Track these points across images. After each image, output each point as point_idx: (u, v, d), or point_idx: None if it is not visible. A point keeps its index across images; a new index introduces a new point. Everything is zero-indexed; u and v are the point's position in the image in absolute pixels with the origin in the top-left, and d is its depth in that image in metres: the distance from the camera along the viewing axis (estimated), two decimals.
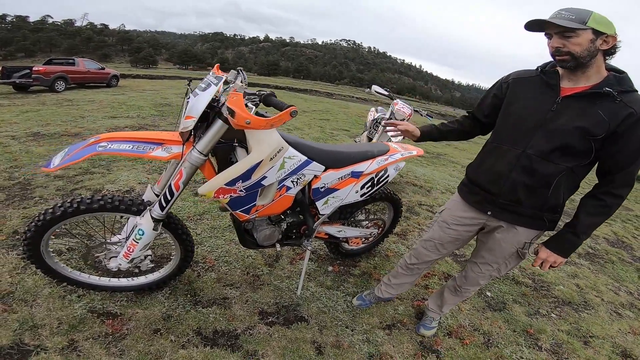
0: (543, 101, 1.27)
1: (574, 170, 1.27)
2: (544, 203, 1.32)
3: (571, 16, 1.13)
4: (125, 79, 17.78)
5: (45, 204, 2.63)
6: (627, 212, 5.75)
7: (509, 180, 1.33)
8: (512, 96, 1.37)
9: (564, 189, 1.30)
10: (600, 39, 1.14)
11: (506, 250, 1.47)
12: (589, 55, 1.15)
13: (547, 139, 1.24)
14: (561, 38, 1.15)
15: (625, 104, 1.14)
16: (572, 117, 1.20)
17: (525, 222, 1.39)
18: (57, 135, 4.64)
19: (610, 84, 1.17)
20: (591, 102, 1.18)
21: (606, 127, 1.15)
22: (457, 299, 1.78)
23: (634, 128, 1.14)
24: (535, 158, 1.27)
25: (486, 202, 1.44)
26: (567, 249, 1.35)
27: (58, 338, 1.48)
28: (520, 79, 1.39)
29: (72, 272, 1.71)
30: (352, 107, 15.36)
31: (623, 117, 1.14)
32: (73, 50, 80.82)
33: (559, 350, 1.99)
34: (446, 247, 1.66)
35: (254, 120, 1.24)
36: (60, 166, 1.32)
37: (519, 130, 1.32)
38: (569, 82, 1.25)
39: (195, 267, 2.09)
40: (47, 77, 10.28)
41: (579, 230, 1.30)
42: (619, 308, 2.56)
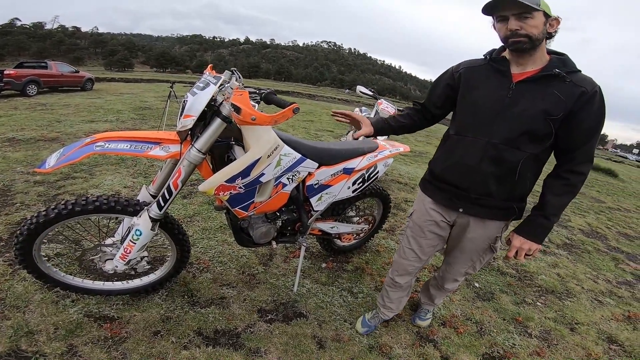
0: (498, 88, 1.27)
1: (539, 155, 1.27)
2: (513, 192, 1.32)
3: None
4: (100, 82, 17.19)
5: (28, 210, 2.54)
6: (600, 205, 6.06)
7: (480, 173, 1.30)
8: (467, 86, 1.36)
9: (531, 175, 1.30)
10: (548, 21, 1.17)
11: (479, 247, 1.46)
12: (541, 37, 1.17)
13: (509, 125, 1.23)
14: (518, 20, 1.15)
15: (575, 84, 1.17)
16: (531, 101, 1.21)
17: (495, 215, 1.37)
18: (34, 140, 4.47)
19: (557, 65, 1.19)
20: (544, 84, 1.20)
21: (563, 107, 1.17)
22: (442, 293, 1.80)
23: (587, 105, 1.16)
24: (502, 146, 1.25)
25: (456, 198, 1.40)
26: (539, 234, 1.31)
27: (56, 343, 1.44)
28: (471, 67, 1.37)
29: (65, 276, 1.67)
30: (335, 108, 15.46)
31: (577, 96, 1.16)
32: (43, 53, 77.58)
33: (548, 337, 2.09)
34: (426, 252, 1.60)
35: (259, 117, 1.25)
36: (56, 167, 1.29)
37: (479, 119, 1.30)
38: (517, 68, 1.26)
39: (189, 269, 2.07)
40: (18, 80, 9.84)
41: (549, 212, 1.28)
42: (599, 295, 2.70)
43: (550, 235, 3.83)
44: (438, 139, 8.99)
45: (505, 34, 1.18)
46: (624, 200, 7.16)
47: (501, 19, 1.18)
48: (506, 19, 1.16)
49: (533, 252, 1.31)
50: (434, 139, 10.78)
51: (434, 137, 11.15)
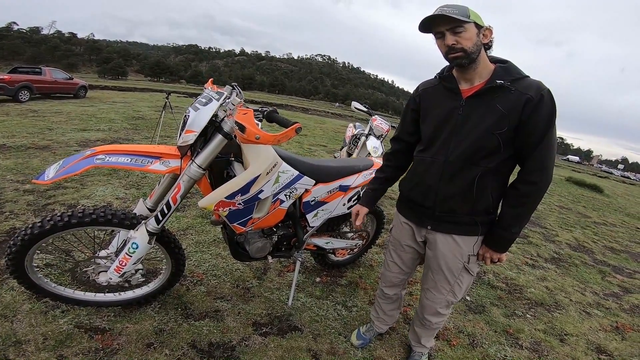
0: (450, 106, 1.28)
1: (497, 168, 1.26)
2: (476, 207, 1.31)
3: (455, 11, 1.14)
4: (93, 90, 17.06)
5: (17, 219, 2.50)
6: (586, 219, 6.21)
7: (439, 192, 1.32)
8: (425, 108, 1.39)
9: (491, 189, 1.29)
10: (481, 32, 1.18)
11: (452, 265, 1.41)
12: (477, 49, 1.18)
13: (462, 143, 1.24)
14: (453, 34, 1.16)
15: (521, 92, 1.15)
16: (480, 116, 1.21)
17: (463, 230, 1.36)
18: (24, 148, 4.42)
19: (500, 75, 1.19)
20: (490, 97, 1.19)
21: (508, 120, 1.17)
22: (428, 331, 1.67)
23: (534, 112, 1.14)
24: (457, 164, 1.26)
25: (424, 216, 1.42)
26: (501, 244, 1.32)
27: (45, 354, 1.42)
28: (426, 89, 1.40)
29: (56, 287, 1.65)
30: (328, 123, 15.61)
31: (522, 104, 1.15)
32: (37, 58, 76.94)
33: (538, 348, 2.12)
34: (408, 266, 1.63)
35: (263, 136, 1.29)
36: (56, 179, 1.30)
37: (436, 139, 1.32)
38: (465, 83, 1.27)
39: (183, 282, 2.06)
40: (11, 86, 9.70)
41: (505, 224, 1.28)
42: (587, 307, 2.76)
43: (538, 250, 3.91)
44: None
45: (445, 50, 1.20)
46: (610, 215, 7.34)
47: (439, 35, 1.20)
48: (443, 35, 1.18)
49: (499, 260, 1.36)
50: None
51: None
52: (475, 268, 1.45)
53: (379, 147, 3.89)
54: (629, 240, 5.38)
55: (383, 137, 4.17)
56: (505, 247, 1.34)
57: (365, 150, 3.86)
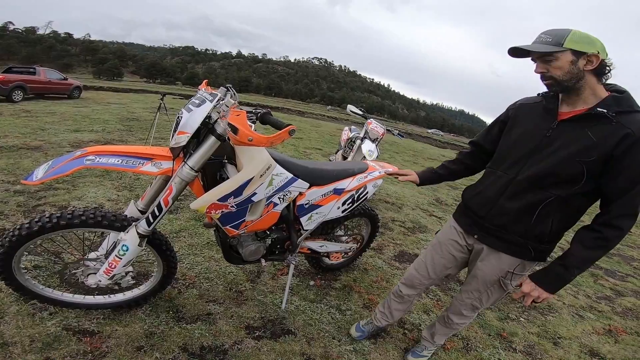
0: (540, 127, 1.23)
1: (567, 199, 1.18)
2: (529, 231, 1.25)
3: (548, 39, 1.10)
4: (88, 90, 16.92)
5: (6, 220, 2.46)
6: (578, 223, 6.24)
7: (496, 206, 1.31)
8: (514, 122, 1.34)
9: (554, 218, 1.22)
10: (582, 59, 1.09)
11: (488, 277, 1.42)
12: (572, 77, 1.11)
13: (538, 165, 1.19)
14: (543, 62, 1.13)
15: (623, 125, 1.06)
16: (565, 141, 1.15)
17: (509, 249, 1.33)
18: (16, 148, 4.36)
19: (607, 104, 1.10)
20: (585, 124, 1.12)
21: (596, 151, 1.08)
22: (446, 330, 1.72)
23: (631, 151, 1.04)
24: (525, 184, 1.23)
25: (474, 225, 1.42)
26: (553, 283, 1.21)
27: (32, 356, 1.39)
28: (524, 104, 1.36)
29: (44, 289, 1.62)
30: (324, 126, 15.64)
31: (619, 138, 1.05)
32: (32, 58, 76.34)
33: (532, 351, 2.13)
34: (437, 271, 1.61)
35: (256, 138, 1.27)
36: (44, 179, 1.27)
37: (514, 156, 1.28)
38: (567, 107, 1.20)
39: (175, 284, 2.03)
40: (5, 85, 9.60)
41: (570, 263, 1.17)
42: (579, 310, 2.78)
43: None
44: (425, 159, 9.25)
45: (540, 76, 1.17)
46: None
47: (533, 60, 1.17)
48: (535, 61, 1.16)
49: (542, 300, 1.23)
50: (421, 158, 10.97)
51: (420, 157, 11.36)
52: (511, 286, 1.41)
53: (374, 151, 3.89)
54: (620, 243, 5.43)
55: (378, 141, 4.17)
56: (557, 288, 1.22)
57: (361, 154, 3.87)
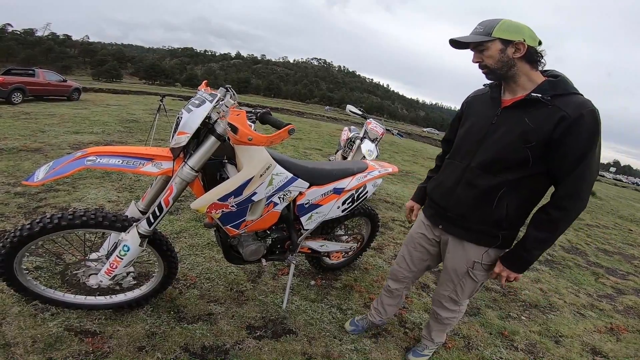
0: (486, 115, 1.30)
1: (519, 183, 1.23)
2: (488, 217, 1.29)
3: (480, 29, 1.17)
4: (87, 92, 16.93)
5: (7, 222, 2.46)
6: (579, 222, 6.25)
7: (454, 195, 1.36)
8: (467, 114, 1.44)
9: (509, 202, 1.26)
10: (510, 47, 1.14)
11: (457, 268, 1.45)
12: (504, 65, 1.17)
13: (487, 151, 1.26)
14: (478, 52, 1.20)
15: (559, 108, 1.10)
16: (508, 127, 1.21)
17: (472, 238, 1.37)
18: (16, 150, 4.36)
19: (543, 89, 1.15)
20: (523, 110, 1.18)
21: (535, 135, 1.13)
22: (439, 326, 1.73)
23: (569, 133, 1.08)
24: (478, 171, 1.28)
25: (438, 215, 1.48)
26: (519, 265, 1.30)
27: (34, 356, 1.40)
28: (475, 96, 1.45)
29: (46, 289, 1.62)
30: (324, 126, 15.62)
31: (555, 121, 1.09)
32: (31, 60, 76.35)
33: (533, 349, 2.13)
34: (416, 264, 1.67)
35: (256, 137, 1.28)
36: (45, 180, 1.28)
37: (466, 145, 1.36)
38: (509, 94, 1.26)
39: (176, 285, 2.04)
40: (4, 87, 9.60)
41: (528, 246, 1.25)
42: (581, 309, 2.78)
43: None
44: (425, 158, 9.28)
45: None
46: (602, 217, 7.41)
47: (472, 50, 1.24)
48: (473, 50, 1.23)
49: (513, 279, 1.32)
50: (420, 158, 10.98)
51: (420, 156, 11.36)
52: (481, 276, 1.45)
53: (373, 150, 3.90)
54: (621, 242, 5.44)
55: (378, 141, 4.18)
56: (523, 268, 1.32)
57: (360, 154, 3.87)
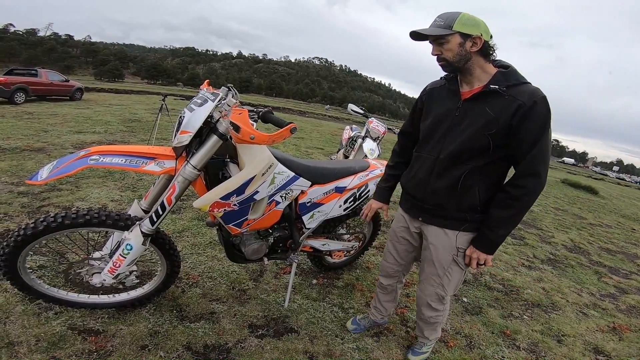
0: (449, 107, 1.35)
1: (486, 168, 1.30)
2: (462, 203, 1.35)
3: (441, 22, 1.19)
4: (89, 92, 16.98)
5: (11, 221, 2.48)
6: (582, 221, 6.24)
7: (428, 186, 1.40)
8: (428, 106, 1.45)
9: (479, 187, 1.33)
10: (468, 41, 1.19)
11: (442, 258, 1.46)
12: (462, 59, 1.21)
13: (453, 142, 1.31)
14: (437, 45, 1.23)
15: (515, 97, 1.18)
16: (472, 119, 1.27)
17: (452, 225, 1.41)
18: (19, 150, 4.39)
19: (497, 80, 1.22)
20: (483, 102, 1.24)
21: (496, 124, 1.21)
22: (426, 325, 1.72)
23: (526, 119, 1.17)
24: (447, 162, 1.33)
25: (416, 208, 1.51)
26: (487, 245, 1.35)
27: (38, 355, 1.40)
28: (433, 89, 1.47)
29: (49, 288, 1.63)
30: (325, 126, 15.62)
31: (513, 110, 1.18)
32: (33, 60, 76.65)
33: (535, 349, 2.12)
34: (402, 257, 1.69)
35: (258, 136, 1.28)
36: (49, 179, 1.29)
37: (432, 137, 1.39)
38: (466, 86, 1.32)
39: (178, 284, 2.04)
40: (7, 87, 9.66)
41: (491, 225, 1.31)
42: (583, 308, 2.77)
43: (534, 251, 3.92)
44: None
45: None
46: (605, 216, 7.38)
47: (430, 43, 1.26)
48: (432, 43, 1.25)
49: (484, 262, 1.37)
50: None
51: None
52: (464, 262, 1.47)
53: (375, 149, 3.89)
54: (624, 241, 5.42)
55: (379, 140, 4.17)
56: (491, 249, 1.36)
57: (362, 153, 3.87)
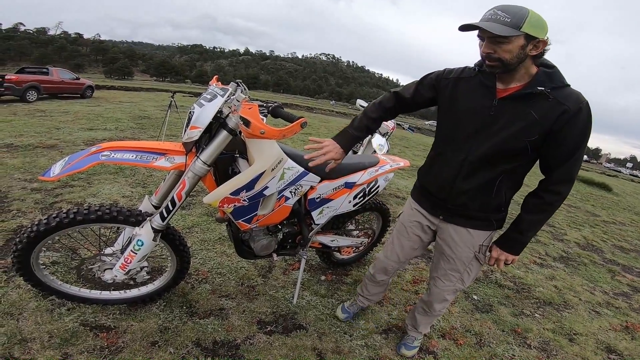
0: (482, 104, 1.24)
1: (515, 170, 1.28)
2: (489, 205, 1.33)
3: (507, 18, 1.06)
4: (100, 90, 17.23)
5: (24, 217, 2.52)
6: (595, 218, 6.11)
7: (454, 187, 1.34)
8: (452, 97, 1.33)
9: (506, 189, 1.31)
10: (531, 44, 1.10)
11: (464, 255, 1.45)
12: (517, 61, 1.12)
13: (486, 143, 1.23)
14: (492, 43, 1.10)
15: (559, 101, 1.13)
16: (509, 120, 1.19)
17: (475, 225, 1.39)
18: (32, 147, 4.46)
19: (541, 81, 1.15)
20: (525, 102, 1.16)
21: (539, 128, 1.15)
22: (427, 319, 1.72)
23: (569, 125, 1.13)
24: (477, 164, 1.27)
25: (437, 206, 1.46)
26: (515, 247, 1.36)
27: (50, 352, 1.42)
28: (460, 78, 1.33)
29: (62, 284, 1.65)
30: (333, 122, 15.56)
31: (557, 114, 1.12)
32: (44, 59, 77.89)
33: (547, 347, 2.09)
34: (406, 254, 1.66)
35: (268, 131, 1.27)
36: (61, 175, 1.30)
37: (460, 135, 1.30)
38: (501, 84, 1.22)
39: (188, 280, 2.06)
40: (19, 86, 9.81)
41: (522, 229, 1.31)
42: (596, 307, 2.72)
43: (546, 249, 3.86)
44: None
45: (482, 54, 1.17)
46: (619, 213, 7.23)
47: (480, 38, 1.15)
48: (484, 39, 1.14)
49: (511, 262, 1.39)
50: None
51: None
52: (484, 258, 1.48)
53: (384, 145, 3.87)
54: (638, 239, 5.30)
55: (388, 135, 4.14)
56: (519, 250, 1.37)
57: (371, 148, 3.85)
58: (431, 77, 1.42)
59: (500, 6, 1.09)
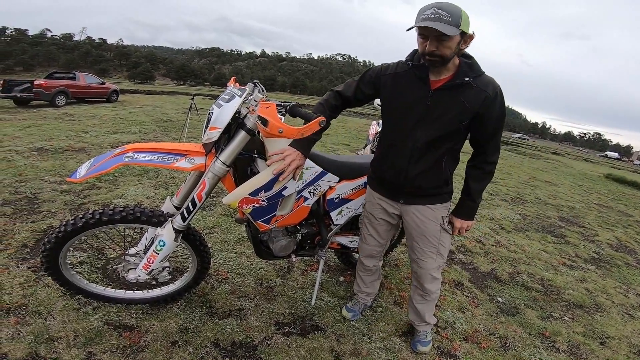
0: (419, 96, 1.38)
1: (454, 148, 1.47)
2: (439, 181, 1.50)
3: (449, 17, 1.15)
4: (124, 94, 17.85)
5: (54, 218, 2.63)
6: (628, 218, 5.79)
7: (409, 172, 1.47)
8: (393, 92, 1.46)
9: (449, 165, 1.50)
10: (464, 39, 1.26)
11: (432, 230, 1.57)
12: (454, 55, 1.28)
13: (428, 130, 1.39)
14: (437, 41, 1.22)
15: (481, 89, 1.32)
16: (445, 107, 1.35)
17: (432, 200, 1.54)
18: (61, 150, 4.67)
19: (465, 71, 1.32)
20: (455, 91, 1.33)
21: (469, 113, 1.34)
22: (428, 305, 1.75)
23: (491, 107, 1.34)
24: (424, 149, 1.42)
25: (395, 192, 1.58)
26: (470, 213, 1.57)
27: (75, 351, 1.46)
28: (396, 74, 1.46)
29: (88, 284, 1.71)
30: (350, 122, 15.47)
31: (481, 100, 1.32)
32: (71, 64, 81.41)
33: (577, 351, 1.99)
34: (383, 236, 1.75)
35: (287, 129, 1.26)
36: (87, 176, 1.34)
37: (404, 126, 1.44)
38: (433, 75, 1.37)
39: (208, 280, 2.09)
40: (48, 91, 10.28)
41: (473, 196, 1.52)
42: (630, 310, 2.57)
43: (576, 250, 3.69)
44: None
45: (423, 51, 1.27)
46: None
47: (423, 36, 1.25)
48: (427, 38, 1.23)
49: (468, 227, 1.59)
50: None
51: None
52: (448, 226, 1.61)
53: None
54: None
55: None
56: (474, 215, 1.59)
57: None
58: (370, 74, 1.54)
59: (437, 4, 1.19)
